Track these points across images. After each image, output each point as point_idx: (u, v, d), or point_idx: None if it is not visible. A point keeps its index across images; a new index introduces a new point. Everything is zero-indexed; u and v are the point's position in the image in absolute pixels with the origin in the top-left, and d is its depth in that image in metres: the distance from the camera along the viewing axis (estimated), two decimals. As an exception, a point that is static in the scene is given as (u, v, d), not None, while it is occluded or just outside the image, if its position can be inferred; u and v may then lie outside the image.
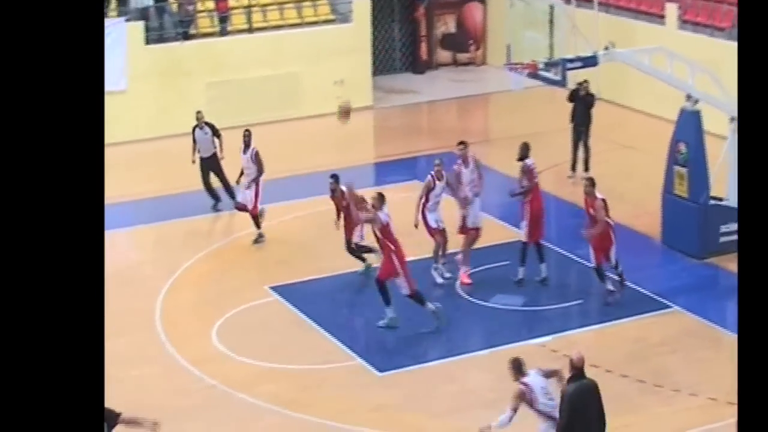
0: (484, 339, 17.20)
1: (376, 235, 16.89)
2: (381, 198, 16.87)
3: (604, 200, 17.20)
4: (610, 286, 17.47)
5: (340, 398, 15.28)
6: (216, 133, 22.10)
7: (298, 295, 18.09)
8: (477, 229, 18.52)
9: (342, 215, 18.65)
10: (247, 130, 20.60)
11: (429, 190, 18.33)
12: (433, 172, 18.39)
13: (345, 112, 18.56)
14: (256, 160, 20.26)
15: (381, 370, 15.81)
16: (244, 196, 20.30)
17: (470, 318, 17.73)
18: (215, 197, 21.97)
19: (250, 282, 18.73)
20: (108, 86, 26.52)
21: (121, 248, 21.27)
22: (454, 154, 19.02)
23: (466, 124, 28.85)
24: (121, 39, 26.97)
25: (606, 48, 19.14)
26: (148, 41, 27.51)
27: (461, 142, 18.77)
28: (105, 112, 26.86)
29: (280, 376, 15.82)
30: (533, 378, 12.60)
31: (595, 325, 17.12)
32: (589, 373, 12.89)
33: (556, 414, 12.34)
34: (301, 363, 16.11)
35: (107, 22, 27.20)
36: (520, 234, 18.25)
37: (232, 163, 21.13)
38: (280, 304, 17.96)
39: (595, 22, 19.84)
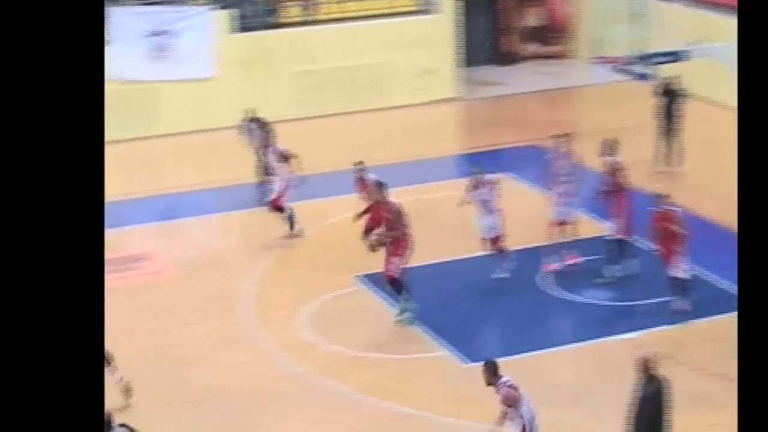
0: (571, 333, 17.32)
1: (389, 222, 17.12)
2: (380, 186, 17.30)
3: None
4: (679, 298, 17.33)
5: (427, 388, 15.45)
6: (265, 127, 22.29)
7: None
8: (567, 223, 18.60)
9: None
10: (270, 128, 20.95)
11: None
12: (471, 178, 18.49)
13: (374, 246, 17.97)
14: (282, 157, 20.47)
15: (469, 361, 16.00)
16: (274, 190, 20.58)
17: (558, 312, 17.82)
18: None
19: (341, 270, 18.96)
20: (195, 74, 27.16)
21: (216, 234, 21.71)
22: (548, 146, 19.05)
23: (552, 117, 28.77)
24: (209, 27, 27.37)
25: (693, 43, 19.08)
26: (235, 30, 27.91)
27: (561, 135, 18.83)
28: (191, 98, 27.46)
29: (369, 364, 16.05)
30: (512, 380, 12.38)
31: (683, 322, 17.13)
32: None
33: (529, 420, 12.17)
34: (389, 352, 16.33)
35: (196, 9, 27.67)
36: (610, 230, 18.28)
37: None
38: (370, 293, 18.22)
39: (684, 17, 19.79)
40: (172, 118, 26.96)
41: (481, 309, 17.45)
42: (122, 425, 12.26)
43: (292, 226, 20.55)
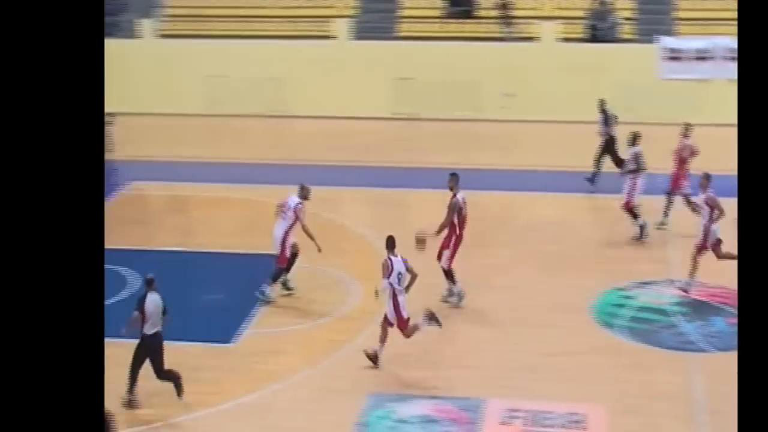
0: None
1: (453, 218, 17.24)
2: (456, 178, 17.35)
3: None
4: None
5: None
6: (608, 121, 23.25)
7: None
8: None
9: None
10: (633, 133, 20.62)
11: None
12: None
13: (420, 241, 16.93)
14: (635, 159, 20.28)
15: None
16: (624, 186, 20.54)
17: None
18: (594, 173, 23.09)
19: None
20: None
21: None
22: None
23: None
24: None
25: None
26: None
27: None
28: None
29: None
30: (398, 261, 14.94)
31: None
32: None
33: (396, 289, 14.78)
34: None
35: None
36: None
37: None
38: None
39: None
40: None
41: None
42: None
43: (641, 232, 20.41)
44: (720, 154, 19.68)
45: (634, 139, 20.79)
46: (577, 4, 31.57)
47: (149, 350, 14.20)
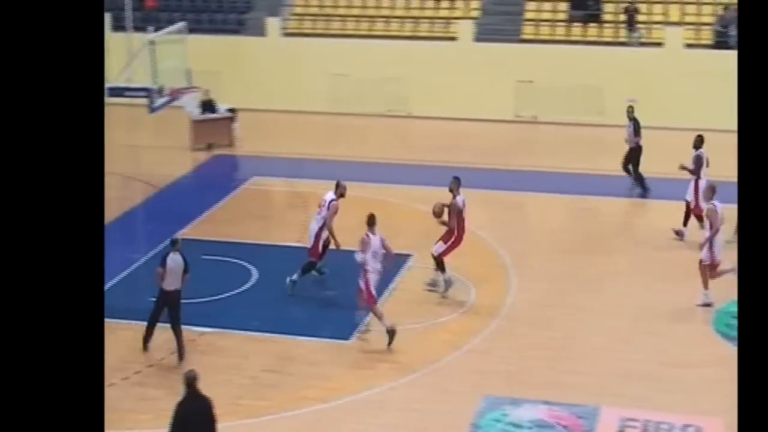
0: None
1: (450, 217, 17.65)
2: (458, 181, 17.72)
3: None
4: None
5: None
6: (638, 129, 23.08)
7: None
8: None
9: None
10: (698, 136, 20.71)
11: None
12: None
13: (438, 213, 17.74)
14: (695, 162, 20.32)
15: None
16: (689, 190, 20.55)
17: None
18: (641, 185, 23.29)
19: None
20: None
21: None
22: None
23: None
24: None
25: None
26: None
27: None
28: None
29: None
30: (376, 238, 15.83)
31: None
32: None
33: (370, 266, 15.73)
34: None
35: None
36: None
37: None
38: None
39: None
40: None
41: None
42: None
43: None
44: None
45: (700, 143, 20.78)
46: (705, 10, 30.94)
47: (167, 303, 15.44)
